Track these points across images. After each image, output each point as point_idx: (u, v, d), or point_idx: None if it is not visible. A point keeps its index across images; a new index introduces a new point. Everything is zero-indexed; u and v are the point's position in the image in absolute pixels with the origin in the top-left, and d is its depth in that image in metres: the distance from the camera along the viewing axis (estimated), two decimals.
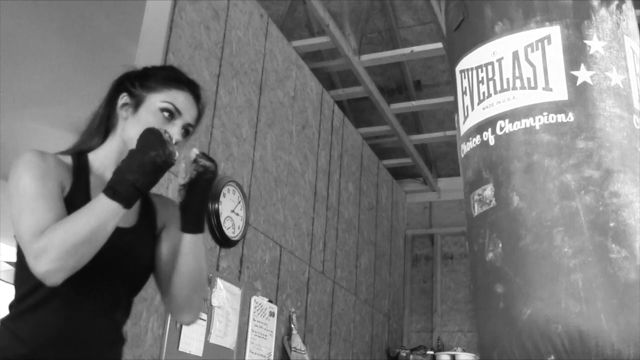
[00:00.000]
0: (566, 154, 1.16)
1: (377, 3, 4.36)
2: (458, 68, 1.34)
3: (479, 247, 1.23)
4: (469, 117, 1.30)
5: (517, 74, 1.24)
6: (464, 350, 4.92)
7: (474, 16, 1.31)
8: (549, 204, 1.16)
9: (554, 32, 1.21)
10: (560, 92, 1.20)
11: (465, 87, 1.32)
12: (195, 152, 1.37)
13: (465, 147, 1.32)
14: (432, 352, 4.89)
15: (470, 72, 1.33)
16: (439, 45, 3.79)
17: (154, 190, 1.40)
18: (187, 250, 1.37)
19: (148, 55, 2.47)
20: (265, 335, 3.11)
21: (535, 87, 1.21)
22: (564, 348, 1.10)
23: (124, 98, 1.42)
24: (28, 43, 3.87)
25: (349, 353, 4.21)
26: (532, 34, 1.24)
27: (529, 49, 1.23)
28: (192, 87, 1.46)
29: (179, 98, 1.41)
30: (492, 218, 1.23)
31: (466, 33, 1.35)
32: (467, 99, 1.31)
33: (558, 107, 1.19)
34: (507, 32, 1.26)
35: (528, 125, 1.22)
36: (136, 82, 1.43)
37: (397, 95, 4.84)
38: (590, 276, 1.12)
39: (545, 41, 1.21)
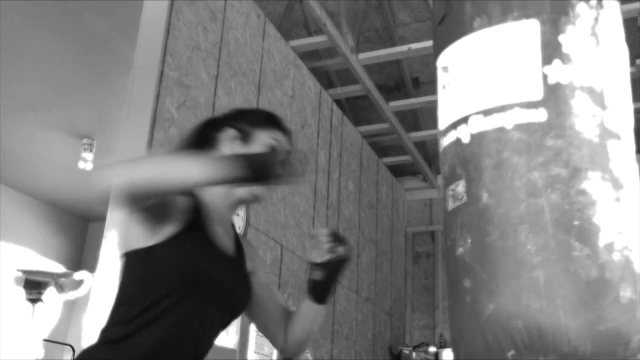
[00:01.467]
0: (535, 152, 1.16)
1: (373, 2, 4.36)
2: (438, 64, 1.34)
3: (451, 242, 1.25)
4: (446, 113, 1.30)
5: (491, 71, 1.24)
6: None
7: (455, 12, 1.32)
8: (515, 201, 1.17)
9: (530, 27, 1.21)
10: (532, 90, 1.20)
11: (444, 83, 1.32)
12: (327, 232, 1.43)
13: (442, 143, 1.33)
14: (434, 349, 4.90)
15: (447, 68, 1.33)
16: None
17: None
18: (309, 316, 1.50)
19: (146, 57, 2.47)
20: None
21: (509, 85, 1.22)
22: (523, 343, 1.11)
23: (231, 132, 1.44)
24: (24, 46, 3.87)
25: (351, 351, 4.21)
26: (508, 29, 1.23)
27: (504, 46, 1.23)
28: (288, 132, 1.51)
29: (281, 139, 1.46)
30: (463, 213, 1.24)
31: (446, 29, 1.35)
32: (444, 94, 1.31)
33: (530, 105, 1.19)
34: (484, 27, 1.25)
35: (500, 123, 1.22)
36: (239, 120, 1.47)
37: (396, 93, 4.84)
38: (551, 273, 1.13)
39: (521, 37, 1.21)
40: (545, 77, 1.19)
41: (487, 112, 1.21)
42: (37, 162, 5.50)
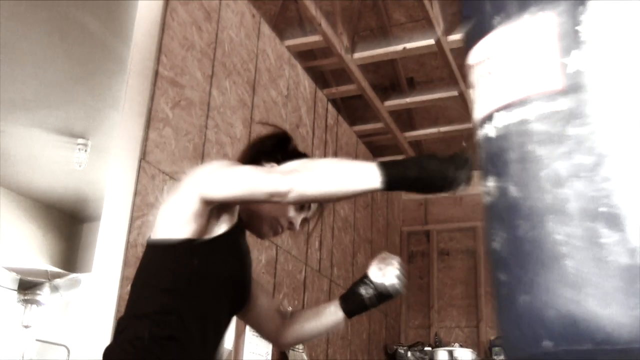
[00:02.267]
0: (557, 142, 1.18)
1: (368, 1, 4.37)
2: (468, 63, 1.37)
3: (488, 237, 1.28)
4: (476, 112, 1.33)
5: (511, 66, 1.26)
6: (461, 346, 4.94)
7: (477, 12, 1.34)
8: (541, 192, 1.19)
9: (547, 20, 1.22)
10: (552, 81, 1.21)
11: (474, 81, 1.35)
12: (400, 265, 1.48)
13: (477, 139, 1.36)
14: (429, 348, 4.90)
15: (475, 67, 1.35)
16: (432, 41, 3.80)
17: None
18: (334, 324, 1.52)
19: (140, 57, 2.46)
20: None
21: (529, 78, 1.23)
22: (558, 333, 1.12)
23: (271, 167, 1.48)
24: (18, 46, 3.85)
25: (346, 351, 4.21)
26: (526, 24, 1.25)
27: (522, 41, 1.25)
28: None
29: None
30: (495, 208, 1.27)
31: (471, 29, 1.38)
32: (473, 94, 1.34)
33: (551, 96, 1.20)
34: (503, 24, 1.27)
35: (522, 116, 1.24)
36: (283, 159, 1.48)
37: (391, 93, 4.84)
38: (581, 262, 1.14)
39: (539, 30, 1.22)
40: (564, 66, 1.20)
41: (509, 107, 1.23)
42: (31, 162, 5.48)
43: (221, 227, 1.34)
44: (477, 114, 1.31)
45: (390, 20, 4.49)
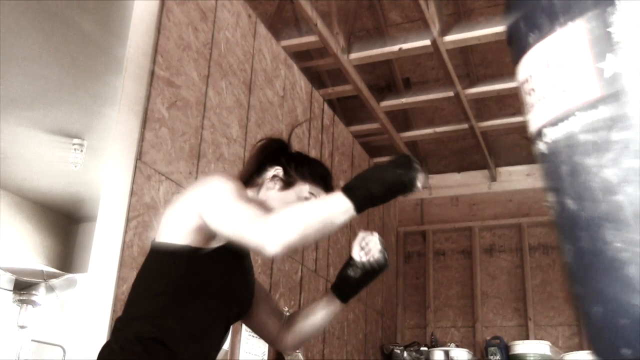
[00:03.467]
0: (604, 150, 1.17)
1: (365, 2, 4.37)
2: (516, 82, 1.38)
3: (560, 251, 1.29)
4: (530, 128, 1.34)
5: (551, 81, 1.26)
6: (457, 346, 4.94)
7: (515, 32, 1.35)
8: (595, 202, 1.19)
9: (577, 29, 1.21)
10: (591, 89, 1.21)
11: (523, 100, 1.36)
12: (380, 240, 1.51)
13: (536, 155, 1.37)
14: (426, 348, 4.91)
15: (521, 86, 1.36)
16: (427, 42, 3.80)
17: None
18: (331, 313, 1.56)
19: (136, 57, 2.46)
20: None
21: (568, 90, 1.23)
22: (634, 341, 1.13)
23: (277, 171, 1.53)
24: (14, 46, 3.85)
25: (342, 351, 4.22)
26: (558, 38, 1.25)
27: (557, 53, 1.25)
28: (331, 191, 1.57)
29: (321, 196, 1.53)
30: (559, 223, 1.28)
31: (513, 49, 1.40)
32: (526, 111, 1.35)
33: (592, 105, 1.20)
34: (538, 41, 1.27)
35: (568, 129, 1.24)
36: (292, 164, 1.55)
37: (387, 93, 4.85)
38: None
39: (570, 41, 1.22)
40: (600, 71, 1.19)
41: (554, 122, 1.23)
42: (27, 162, 5.47)
43: (221, 240, 1.37)
44: (531, 132, 1.32)
45: (386, 20, 4.50)
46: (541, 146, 1.32)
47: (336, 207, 1.25)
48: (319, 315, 1.56)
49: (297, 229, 1.22)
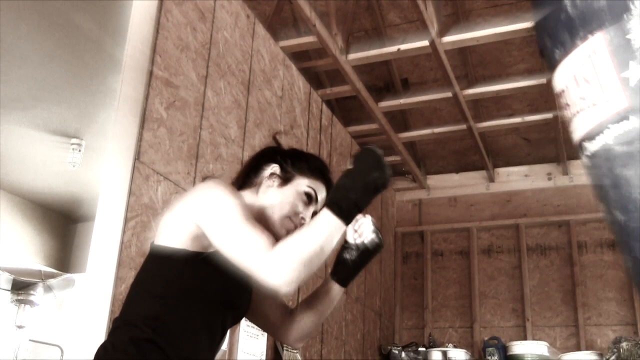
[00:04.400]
0: None
1: (363, 2, 4.38)
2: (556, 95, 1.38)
3: (624, 262, 1.30)
4: (573, 143, 1.33)
5: (581, 95, 1.25)
6: (455, 346, 4.95)
7: (544, 49, 1.35)
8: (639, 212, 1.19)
9: (597, 41, 1.20)
10: (618, 100, 1.20)
11: (562, 114, 1.36)
12: (373, 221, 1.55)
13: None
14: (424, 349, 4.91)
15: (557, 100, 1.36)
16: (426, 43, 3.81)
17: None
18: (333, 298, 1.58)
19: (135, 57, 2.46)
20: (257, 335, 3.12)
21: (598, 103, 1.22)
22: None
23: (274, 168, 1.54)
24: (9, 45, 3.85)
25: (340, 351, 4.22)
26: (581, 52, 1.24)
27: (583, 68, 1.24)
28: (330, 184, 1.59)
29: (320, 189, 1.55)
30: (616, 234, 1.29)
31: (546, 64, 1.40)
32: (567, 124, 1.35)
33: (621, 116, 1.19)
34: (563, 57, 1.27)
35: (604, 142, 1.23)
36: (288, 160, 1.56)
37: (385, 94, 4.85)
38: None
39: (593, 54, 1.21)
40: (625, 81, 1.17)
41: (590, 136, 1.22)
42: (25, 161, 5.47)
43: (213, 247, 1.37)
44: (575, 144, 1.31)
45: (384, 21, 4.50)
46: (584, 160, 1.30)
47: (329, 228, 1.29)
48: (323, 303, 1.57)
49: (305, 264, 1.25)
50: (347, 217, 1.31)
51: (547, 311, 5.04)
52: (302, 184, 1.53)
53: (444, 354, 4.79)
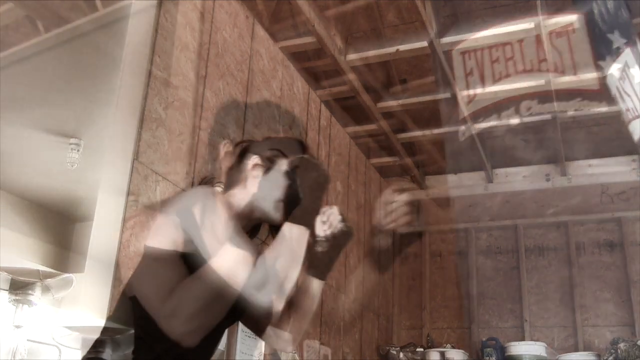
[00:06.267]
0: None
1: (362, 3, 4.37)
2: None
3: None
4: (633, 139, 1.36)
5: (627, 107, 1.28)
6: (453, 347, 4.95)
7: (598, 59, 1.38)
8: None
9: (627, 56, 1.23)
10: None
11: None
12: (339, 211, 1.59)
13: None
14: (422, 349, 4.91)
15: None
16: (424, 43, 3.81)
17: None
18: (314, 295, 1.59)
19: (134, 57, 2.46)
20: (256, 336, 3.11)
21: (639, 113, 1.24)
22: None
23: (254, 159, 1.58)
24: (10, 46, 3.84)
25: (339, 351, 4.22)
26: (616, 69, 1.27)
27: (621, 82, 1.27)
28: (306, 152, 1.66)
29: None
30: None
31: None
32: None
33: None
34: (607, 68, 1.30)
35: None
36: (264, 147, 1.61)
37: (384, 94, 4.85)
38: None
39: (626, 69, 1.23)
40: None
41: None
42: (23, 161, 5.46)
43: None
44: (636, 144, 1.34)
45: (383, 21, 4.50)
46: None
47: (294, 242, 1.38)
48: (304, 301, 1.58)
49: (279, 276, 1.33)
50: (305, 227, 1.41)
51: (545, 312, 5.04)
52: (283, 164, 1.56)
53: (442, 354, 4.79)
